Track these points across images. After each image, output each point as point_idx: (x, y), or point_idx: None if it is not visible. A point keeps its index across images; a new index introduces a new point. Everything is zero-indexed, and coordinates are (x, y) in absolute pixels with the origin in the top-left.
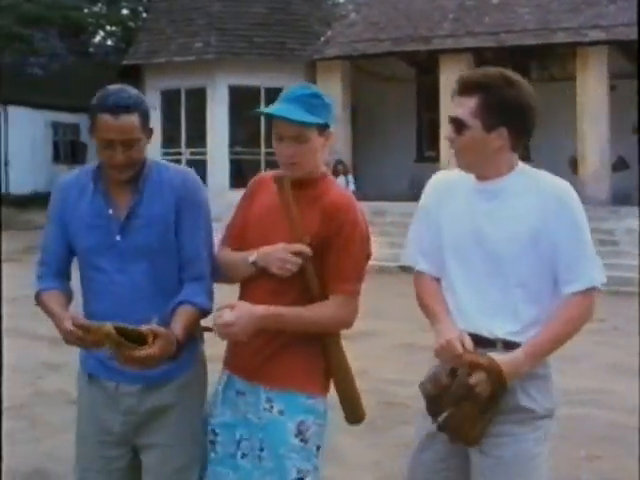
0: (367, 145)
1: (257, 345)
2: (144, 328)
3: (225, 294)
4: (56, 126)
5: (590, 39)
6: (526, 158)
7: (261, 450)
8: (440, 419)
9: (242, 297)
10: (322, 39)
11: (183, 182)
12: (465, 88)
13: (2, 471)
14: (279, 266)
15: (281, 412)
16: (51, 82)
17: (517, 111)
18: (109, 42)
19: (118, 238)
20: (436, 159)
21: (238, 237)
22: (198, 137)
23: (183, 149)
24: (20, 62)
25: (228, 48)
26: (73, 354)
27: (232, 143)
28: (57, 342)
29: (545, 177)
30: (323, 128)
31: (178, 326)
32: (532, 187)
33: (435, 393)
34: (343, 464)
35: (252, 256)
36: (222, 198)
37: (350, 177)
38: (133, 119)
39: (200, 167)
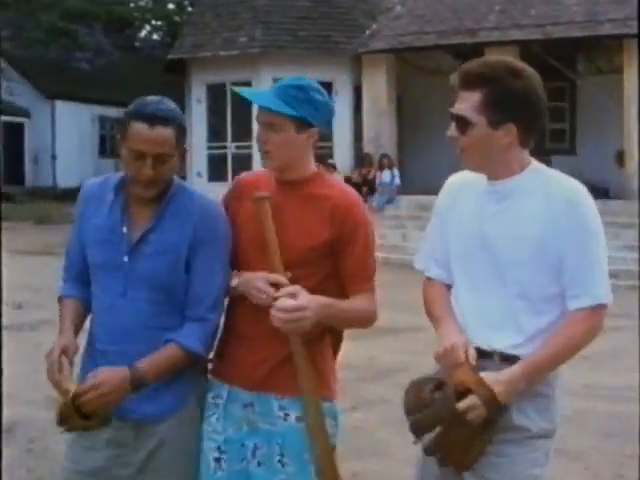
0: (412, 139)
1: (260, 356)
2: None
3: None
4: (103, 120)
5: (637, 30)
6: (572, 152)
7: (281, 455)
8: (425, 444)
9: (233, 308)
10: (367, 32)
11: (204, 215)
12: (467, 82)
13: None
14: (255, 295)
15: (299, 419)
16: (97, 76)
17: (525, 104)
18: (155, 36)
19: (125, 259)
20: None
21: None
22: (244, 131)
23: (229, 143)
24: (66, 57)
25: (273, 42)
26: None
27: None
28: None
29: (557, 178)
30: (304, 125)
31: (144, 361)
32: (543, 188)
33: (413, 406)
34: (387, 458)
35: (234, 280)
36: None
37: (395, 171)
38: (169, 132)
39: (246, 161)
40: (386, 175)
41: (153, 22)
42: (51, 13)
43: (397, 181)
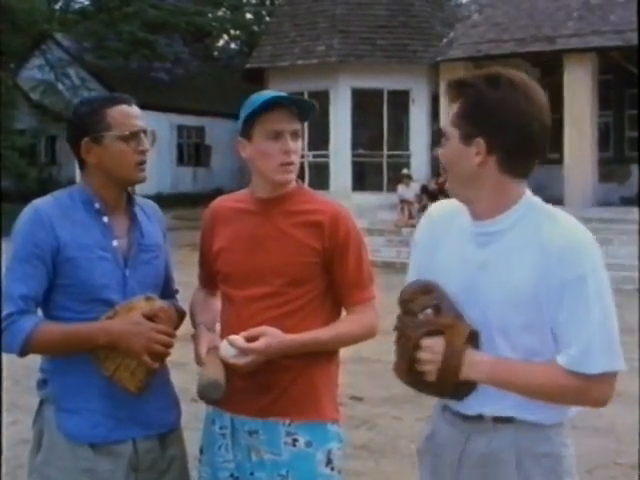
0: None
1: (265, 382)
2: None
3: None
4: (181, 129)
5: None
6: None
7: None
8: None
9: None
10: (445, 41)
11: (156, 210)
12: (451, 93)
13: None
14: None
15: (308, 444)
16: (176, 86)
17: (498, 118)
18: (233, 46)
19: (127, 273)
20: (559, 161)
21: (212, 276)
22: (321, 140)
23: (306, 152)
24: (145, 67)
25: (351, 51)
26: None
27: (355, 145)
28: (180, 341)
29: (553, 218)
30: None
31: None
32: (536, 230)
33: (402, 300)
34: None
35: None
36: (345, 200)
37: None
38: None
39: (323, 169)
40: None
41: (231, 32)
42: (131, 24)
43: None
